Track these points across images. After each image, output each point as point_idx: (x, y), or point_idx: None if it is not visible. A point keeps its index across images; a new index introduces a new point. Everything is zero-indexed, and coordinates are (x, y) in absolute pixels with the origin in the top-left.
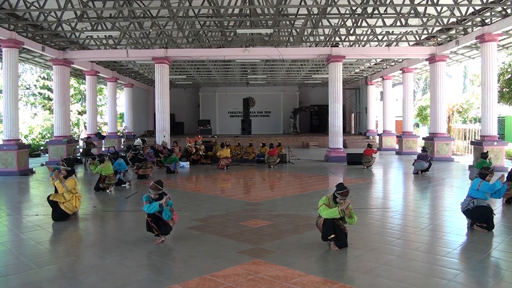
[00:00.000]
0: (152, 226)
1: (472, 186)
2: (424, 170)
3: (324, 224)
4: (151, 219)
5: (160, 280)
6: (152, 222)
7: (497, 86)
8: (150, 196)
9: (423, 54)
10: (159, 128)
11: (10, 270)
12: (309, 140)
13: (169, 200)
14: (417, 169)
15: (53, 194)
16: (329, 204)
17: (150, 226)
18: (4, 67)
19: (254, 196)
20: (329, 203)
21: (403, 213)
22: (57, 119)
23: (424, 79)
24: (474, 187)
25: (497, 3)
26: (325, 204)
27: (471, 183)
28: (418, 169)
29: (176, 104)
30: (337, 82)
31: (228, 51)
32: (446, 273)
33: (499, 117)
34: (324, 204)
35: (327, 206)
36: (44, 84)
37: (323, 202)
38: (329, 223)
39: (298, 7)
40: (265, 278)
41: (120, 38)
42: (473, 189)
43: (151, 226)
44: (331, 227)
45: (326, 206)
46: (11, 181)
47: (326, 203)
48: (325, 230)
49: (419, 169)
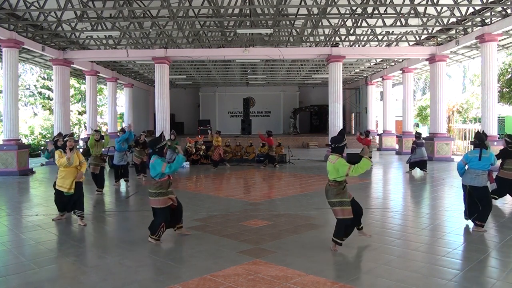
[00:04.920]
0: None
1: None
2: (423, 164)
3: (338, 225)
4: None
5: (160, 280)
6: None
7: (497, 86)
8: (162, 154)
9: (423, 54)
10: (159, 128)
11: (10, 270)
12: (309, 140)
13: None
14: (420, 156)
15: (77, 169)
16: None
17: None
18: (4, 67)
19: (254, 196)
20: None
21: (403, 213)
22: (57, 119)
23: (424, 79)
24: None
25: (497, 3)
26: (347, 163)
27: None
28: (420, 157)
29: (176, 104)
30: (337, 82)
31: (228, 51)
32: (446, 273)
33: (499, 117)
34: (346, 164)
35: (348, 163)
36: (44, 84)
37: (344, 164)
38: (343, 224)
39: (298, 7)
40: (265, 278)
41: (120, 38)
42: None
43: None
44: (343, 230)
45: (348, 164)
46: (11, 181)
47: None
48: (337, 230)
49: (421, 156)
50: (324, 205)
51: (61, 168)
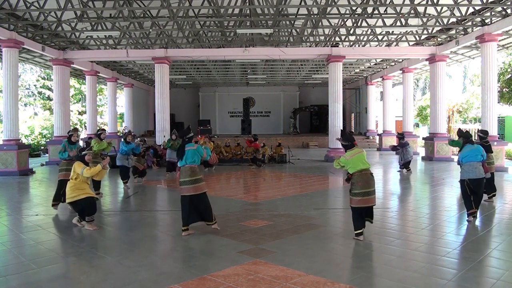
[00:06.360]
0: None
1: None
2: (409, 163)
3: (353, 215)
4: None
5: (160, 280)
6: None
7: (497, 86)
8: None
9: (423, 54)
10: (159, 128)
11: (10, 270)
12: (309, 140)
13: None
14: (410, 156)
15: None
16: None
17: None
18: (4, 67)
19: (254, 196)
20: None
21: (403, 213)
22: (57, 119)
23: (424, 79)
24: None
25: (497, 3)
26: (344, 158)
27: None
28: (411, 157)
29: (176, 104)
30: (337, 82)
31: (228, 51)
32: (446, 273)
33: (499, 117)
34: (343, 158)
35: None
36: (44, 84)
37: (342, 160)
38: (359, 215)
39: (298, 7)
40: (265, 278)
41: (120, 38)
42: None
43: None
44: (359, 220)
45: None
46: (11, 181)
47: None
48: (354, 223)
49: (411, 156)
50: (324, 205)
51: (79, 180)
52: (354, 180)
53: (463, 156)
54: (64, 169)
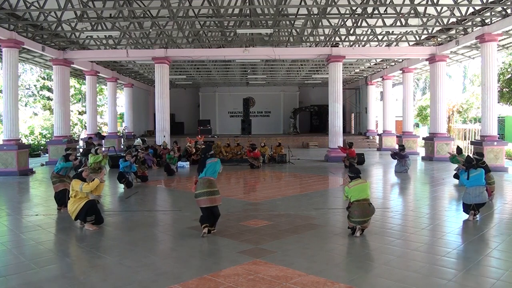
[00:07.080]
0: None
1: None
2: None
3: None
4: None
5: (160, 280)
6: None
7: (497, 86)
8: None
9: (423, 54)
10: (159, 128)
11: (10, 270)
12: (309, 140)
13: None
14: (407, 168)
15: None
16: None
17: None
18: (4, 67)
19: (254, 196)
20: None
21: (403, 213)
22: (57, 119)
23: (424, 79)
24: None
25: (497, 3)
26: (347, 188)
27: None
28: (405, 169)
29: (176, 104)
30: (337, 82)
31: (228, 51)
32: (446, 273)
33: (499, 117)
34: (347, 188)
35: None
36: (44, 84)
37: (346, 190)
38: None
39: (298, 7)
40: (265, 278)
41: (120, 38)
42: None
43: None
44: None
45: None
46: (11, 181)
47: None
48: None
49: (407, 168)
50: (324, 205)
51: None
52: (352, 209)
53: (469, 180)
54: (57, 181)
